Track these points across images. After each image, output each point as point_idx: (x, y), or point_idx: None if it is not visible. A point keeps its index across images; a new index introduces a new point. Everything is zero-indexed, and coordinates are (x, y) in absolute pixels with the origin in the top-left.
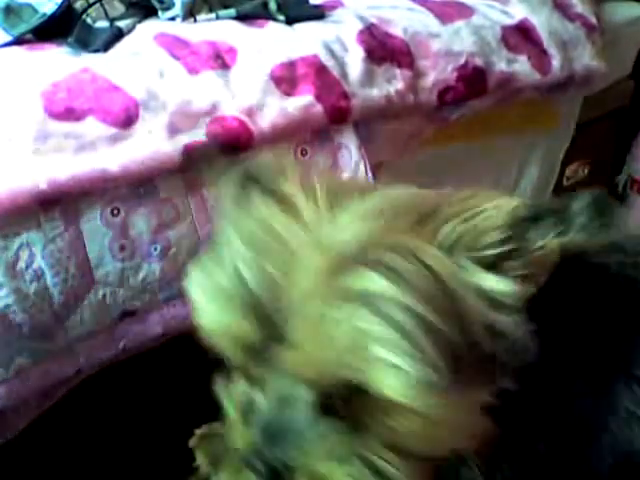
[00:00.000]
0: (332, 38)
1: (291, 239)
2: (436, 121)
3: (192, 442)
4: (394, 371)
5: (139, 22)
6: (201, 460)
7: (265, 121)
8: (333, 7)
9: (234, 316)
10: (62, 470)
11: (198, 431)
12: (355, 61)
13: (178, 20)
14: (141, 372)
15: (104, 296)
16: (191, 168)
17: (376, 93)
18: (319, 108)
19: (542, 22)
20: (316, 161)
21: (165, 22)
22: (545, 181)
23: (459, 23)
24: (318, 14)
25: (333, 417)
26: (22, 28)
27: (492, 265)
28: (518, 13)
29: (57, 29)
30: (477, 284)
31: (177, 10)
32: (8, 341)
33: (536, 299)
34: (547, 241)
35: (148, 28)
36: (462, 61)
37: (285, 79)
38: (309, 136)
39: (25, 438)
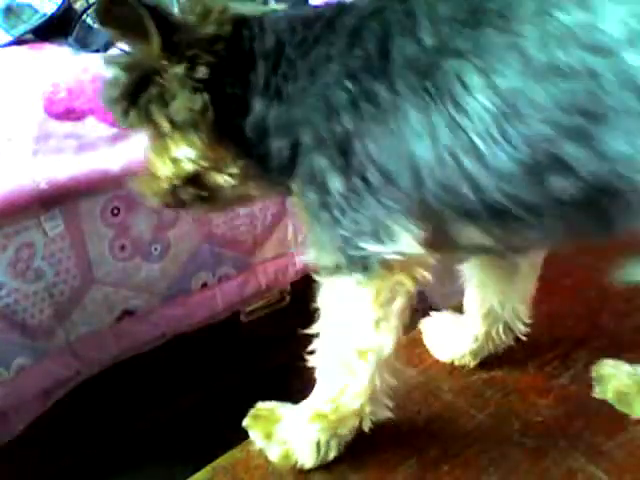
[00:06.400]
0: None
1: None
2: None
3: (245, 422)
4: None
5: None
6: (255, 435)
7: None
8: None
9: None
10: (62, 470)
11: (251, 410)
12: None
13: None
14: (141, 372)
15: (104, 296)
16: None
17: None
18: None
19: None
20: None
21: None
22: None
23: None
24: None
25: None
26: (22, 28)
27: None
28: None
29: (57, 29)
30: None
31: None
32: (8, 341)
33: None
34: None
35: None
36: None
37: None
38: None
39: (25, 438)
